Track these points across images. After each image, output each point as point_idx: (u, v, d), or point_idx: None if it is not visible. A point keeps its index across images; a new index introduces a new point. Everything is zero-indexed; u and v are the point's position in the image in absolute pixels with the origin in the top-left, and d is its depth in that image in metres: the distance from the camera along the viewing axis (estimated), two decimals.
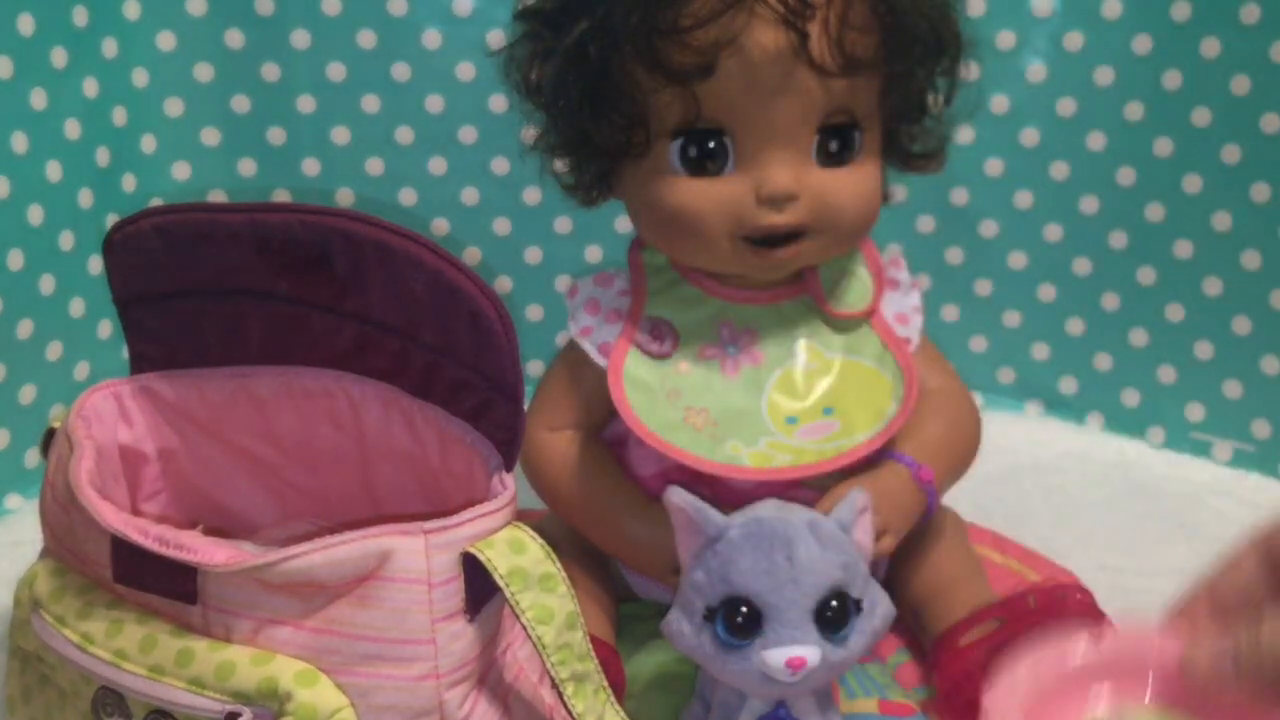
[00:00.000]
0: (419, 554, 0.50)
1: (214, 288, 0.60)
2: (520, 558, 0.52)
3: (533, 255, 1.05)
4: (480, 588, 0.51)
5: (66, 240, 0.92)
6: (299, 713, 0.49)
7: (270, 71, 0.99)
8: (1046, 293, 1.04)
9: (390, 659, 0.50)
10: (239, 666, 0.51)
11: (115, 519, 0.53)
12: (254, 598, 0.51)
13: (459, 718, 0.52)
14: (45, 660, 0.57)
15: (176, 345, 0.62)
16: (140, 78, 0.97)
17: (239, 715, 0.50)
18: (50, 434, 0.61)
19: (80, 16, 0.91)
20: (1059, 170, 1.01)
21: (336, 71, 0.99)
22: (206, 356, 0.62)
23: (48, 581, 0.57)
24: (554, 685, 0.53)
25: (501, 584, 0.51)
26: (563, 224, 1.04)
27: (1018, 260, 1.04)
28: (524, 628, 0.52)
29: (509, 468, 0.56)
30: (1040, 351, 1.06)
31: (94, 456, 0.58)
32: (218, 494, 0.66)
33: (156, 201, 0.99)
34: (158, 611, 0.54)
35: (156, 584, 0.53)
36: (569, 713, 0.53)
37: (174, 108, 0.99)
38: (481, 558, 0.51)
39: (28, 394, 0.92)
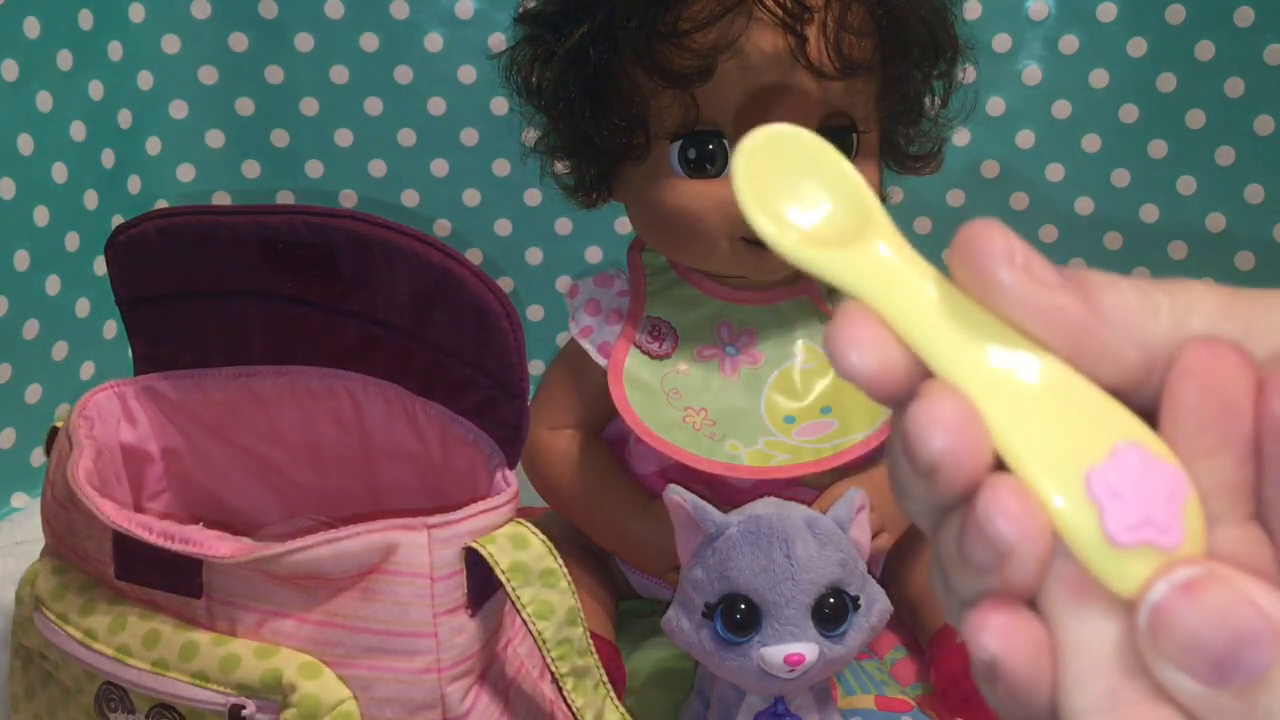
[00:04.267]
0: (421, 548, 0.51)
1: (216, 289, 0.60)
2: (522, 553, 0.52)
3: (533, 256, 1.05)
4: (482, 583, 0.52)
5: (72, 241, 0.92)
6: (303, 704, 0.50)
7: (274, 74, 1.00)
8: None
9: (392, 652, 0.51)
10: (243, 659, 0.51)
11: (117, 516, 0.54)
12: (259, 590, 0.51)
13: (461, 711, 0.52)
14: (48, 657, 0.57)
15: (180, 346, 0.63)
16: (145, 80, 0.98)
17: (243, 708, 0.51)
18: (54, 433, 0.61)
19: (85, 19, 0.91)
20: (1054, 172, 1.01)
21: (339, 74, 1.00)
22: (210, 357, 0.63)
23: (48, 580, 0.57)
24: (554, 680, 0.53)
25: (503, 578, 0.51)
26: (563, 225, 1.04)
27: None
28: (524, 622, 0.52)
29: (512, 464, 0.56)
30: None
31: (94, 455, 0.58)
32: (222, 492, 0.66)
33: (161, 203, 0.99)
34: (160, 607, 0.54)
35: (161, 579, 0.53)
36: (569, 707, 0.54)
37: (179, 110, 1.00)
38: (483, 552, 0.51)
39: (33, 393, 0.92)
